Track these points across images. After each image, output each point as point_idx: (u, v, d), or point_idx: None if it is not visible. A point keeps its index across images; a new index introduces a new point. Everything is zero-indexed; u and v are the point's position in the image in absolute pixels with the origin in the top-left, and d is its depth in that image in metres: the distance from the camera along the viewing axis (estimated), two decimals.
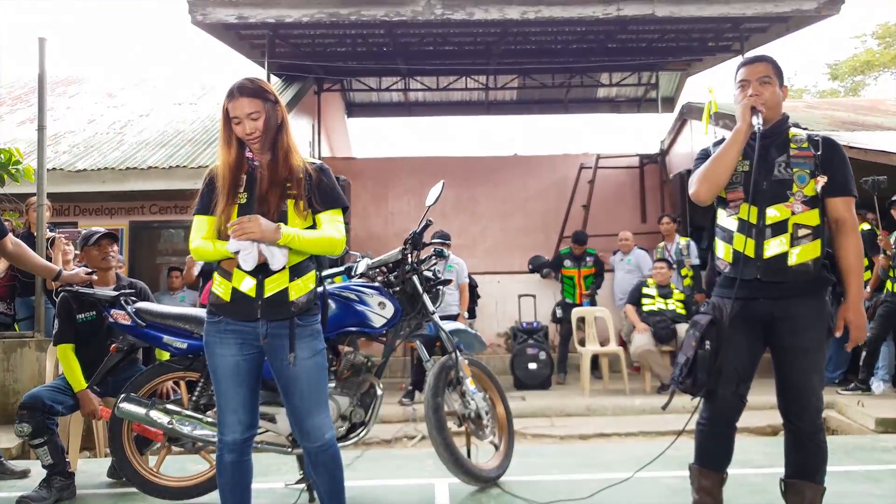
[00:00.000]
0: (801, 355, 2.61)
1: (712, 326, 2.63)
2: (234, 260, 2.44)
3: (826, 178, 2.60)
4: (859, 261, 2.67)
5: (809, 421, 2.64)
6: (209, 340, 2.52)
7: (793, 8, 8.56)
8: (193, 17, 8.70)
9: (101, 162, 8.61)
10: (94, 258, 3.96)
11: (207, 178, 2.58)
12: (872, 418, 5.59)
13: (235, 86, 2.46)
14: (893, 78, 23.16)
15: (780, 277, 2.59)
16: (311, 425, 2.51)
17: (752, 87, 2.66)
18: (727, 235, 2.70)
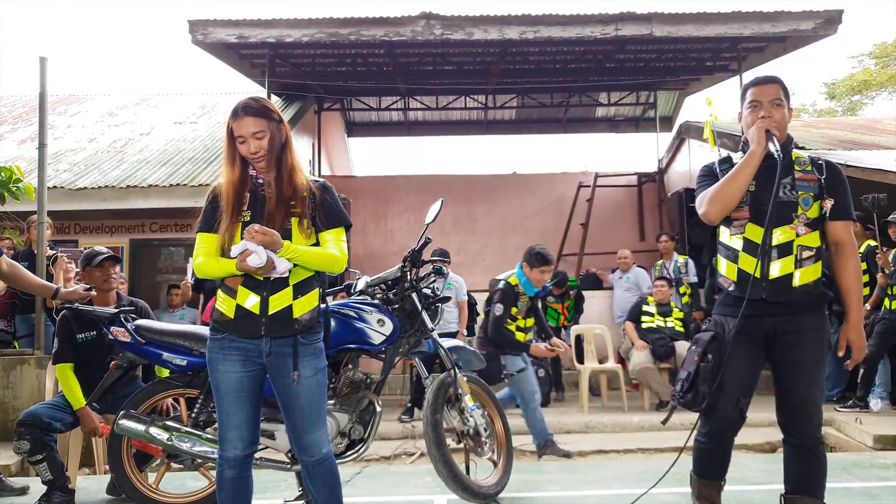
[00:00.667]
0: (804, 369, 2.64)
1: (714, 341, 2.68)
2: (238, 277, 2.47)
3: (833, 201, 2.65)
4: (859, 282, 2.72)
5: (810, 434, 2.67)
6: (212, 357, 2.53)
7: (790, 28, 8.66)
8: (194, 37, 8.80)
9: (102, 180, 8.66)
10: (97, 279, 3.97)
11: (211, 195, 2.59)
12: (870, 435, 5.59)
13: (240, 105, 2.49)
14: (890, 97, 23.33)
15: (784, 298, 2.63)
16: (310, 441, 2.53)
17: (765, 109, 2.70)
18: (732, 254, 2.73)
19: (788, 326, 2.64)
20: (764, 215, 2.62)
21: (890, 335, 6.31)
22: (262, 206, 2.52)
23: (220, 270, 2.49)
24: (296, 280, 2.51)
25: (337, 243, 2.57)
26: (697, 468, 2.88)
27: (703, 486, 2.87)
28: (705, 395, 2.66)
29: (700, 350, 2.69)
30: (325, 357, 2.60)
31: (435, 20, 8.70)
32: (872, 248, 6.74)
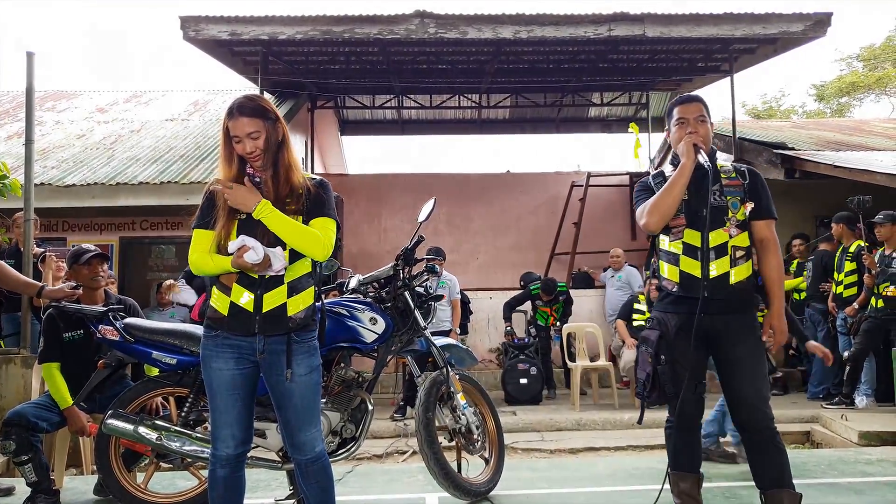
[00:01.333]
0: (747, 365, 2.84)
1: (662, 340, 2.88)
2: (232, 275, 2.47)
3: (753, 204, 2.92)
4: (780, 275, 2.99)
5: (767, 426, 2.83)
6: (206, 354, 2.52)
7: (780, 30, 8.70)
8: (185, 34, 8.74)
9: (91, 177, 8.59)
10: (84, 277, 3.93)
11: (207, 192, 2.58)
12: (856, 432, 5.64)
13: (235, 104, 2.47)
14: (878, 100, 23.48)
15: (723, 295, 2.84)
16: (303, 439, 2.52)
17: (691, 125, 2.94)
18: (673, 258, 2.93)
19: (725, 325, 2.85)
20: (699, 221, 2.87)
21: (876, 333, 6.36)
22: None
23: (215, 267, 2.47)
24: (290, 278, 2.50)
25: (325, 229, 2.51)
26: (674, 460, 3.00)
27: (682, 482, 2.98)
28: (672, 392, 2.86)
29: (652, 350, 2.88)
30: (319, 355, 2.59)
31: (429, 19, 8.68)
32: (862, 248, 6.79)
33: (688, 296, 2.84)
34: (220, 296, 2.52)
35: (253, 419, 2.60)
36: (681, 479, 2.98)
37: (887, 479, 4.07)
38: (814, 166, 8.25)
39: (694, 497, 2.98)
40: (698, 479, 3.00)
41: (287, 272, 2.49)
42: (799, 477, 4.07)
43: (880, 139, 10.99)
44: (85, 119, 12.08)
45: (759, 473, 2.86)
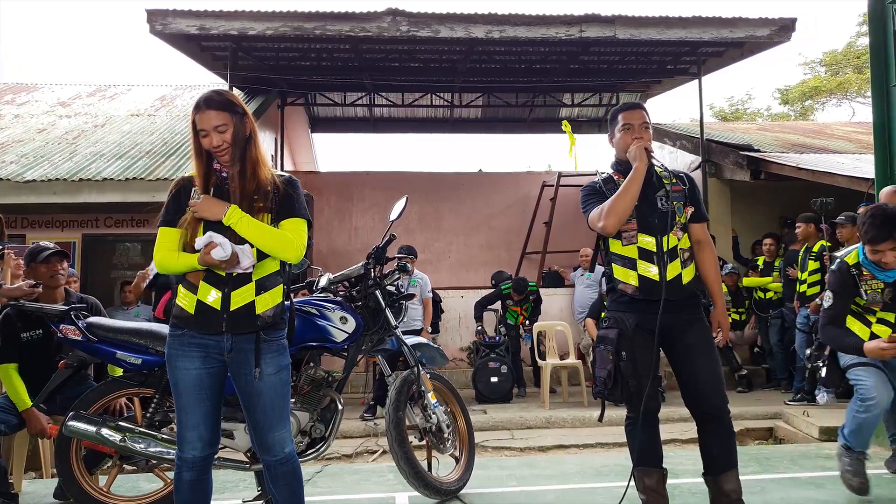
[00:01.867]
0: (705, 350, 2.96)
1: (622, 338, 2.94)
2: (199, 272, 2.43)
3: (693, 208, 3.08)
4: (718, 272, 3.19)
5: (725, 408, 2.94)
6: (171, 353, 2.47)
7: (747, 34, 8.85)
8: (152, 27, 8.59)
9: (53, 173, 8.39)
10: (42, 275, 3.83)
11: (174, 189, 2.52)
12: (817, 427, 5.78)
13: (202, 98, 2.44)
14: (839, 104, 24.03)
15: (678, 295, 2.96)
16: (273, 440, 2.48)
17: (637, 131, 3.03)
18: (629, 263, 3.01)
19: (678, 321, 2.96)
20: (650, 225, 2.98)
21: None
22: (225, 199, 2.46)
23: (182, 265, 2.43)
24: (259, 275, 2.46)
25: (296, 231, 2.49)
26: (637, 456, 3.03)
27: (647, 478, 3.02)
28: (635, 388, 2.90)
29: (612, 348, 2.94)
30: (288, 355, 2.56)
31: (401, 17, 8.65)
32: (825, 248, 6.93)
33: (648, 299, 2.93)
34: (186, 294, 2.47)
35: (220, 420, 2.55)
36: (646, 475, 3.02)
37: None
38: (779, 168, 8.41)
39: (660, 492, 3.02)
40: (663, 474, 3.05)
41: (255, 270, 2.45)
42: (762, 472, 4.19)
43: (841, 142, 11.24)
44: (46, 113, 11.79)
45: (715, 458, 2.97)
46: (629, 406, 3.00)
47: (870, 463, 3.76)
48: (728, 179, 9.88)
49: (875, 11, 5.16)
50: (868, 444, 3.69)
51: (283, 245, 2.44)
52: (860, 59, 21.61)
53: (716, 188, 10.01)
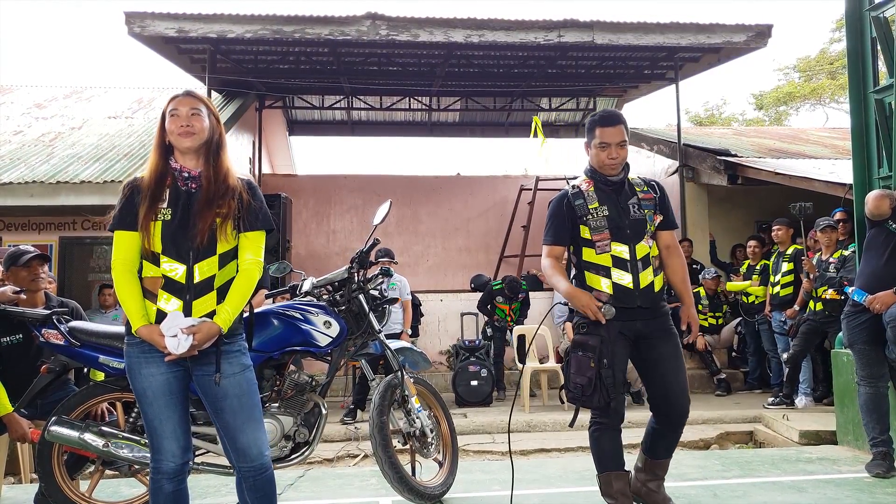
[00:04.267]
0: (671, 359, 3.06)
1: (603, 345, 2.95)
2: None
3: (662, 216, 3.15)
4: (686, 274, 3.25)
5: (686, 413, 3.09)
6: (132, 363, 2.40)
7: (724, 40, 8.98)
8: (130, 29, 8.51)
9: (30, 175, 8.27)
10: (23, 279, 3.77)
11: (127, 189, 2.46)
12: (797, 431, 5.85)
13: (183, 90, 2.50)
14: (813, 109, 24.44)
15: (651, 302, 3.05)
16: (246, 442, 2.40)
17: (614, 151, 3.05)
18: (603, 271, 3.05)
19: (652, 327, 3.05)
20: (622, 234, 3.04)
21: (813, 335, 6.61)
22: (185, 202, 2.43)
23: (125, 299, 2.39)
24: (220, 283, 2.44)
25: (256, 246, 2.51)
26: (602, 462, 3.11)
27: (615, 481, 3.07)
28: (612, 394, 2.94)
29: (594, 356, 2.94)
30: (249, 356, 2.53)
31: (380, 21, 8.66)
32: (799, 252, 7.06)
33: (623, 306, 2.98)
34: (146, 303, 2.42)
35: (190, 425, 2.52)
36: (615, 478, 3.08)
37: (827, 476, 4.23)
38: (755, 172, 8.53)
39: (628, 495, 3.09)
40: (628, 476, 3.13)
41: (217, 278, 2.43)
42: (744, 476, 4.24)
43: (817, 147, 11.43)
44: (22, 115, 11.61)
45: (660, 446, 3.17)
46: (601, 412, 3.04)
47: (850, 467, 3.83)
48: (705, 184, 10.00)
49: (852, 18, 5.26)
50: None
51: (251, 285, 2.47)
52: (833, 65, 22.02)
53: (693, 192, 10.14)
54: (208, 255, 2.40)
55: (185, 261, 2.38)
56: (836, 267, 6.17)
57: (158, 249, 2.38)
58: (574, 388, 2.99)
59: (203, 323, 2.35)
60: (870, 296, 4.21)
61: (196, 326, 2.33)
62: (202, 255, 2.40)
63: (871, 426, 4.33)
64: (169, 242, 2.38)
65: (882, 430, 4.27)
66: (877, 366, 4.33)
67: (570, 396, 3.05)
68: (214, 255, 2.41)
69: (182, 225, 2.38)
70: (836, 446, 5.20)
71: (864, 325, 4.32)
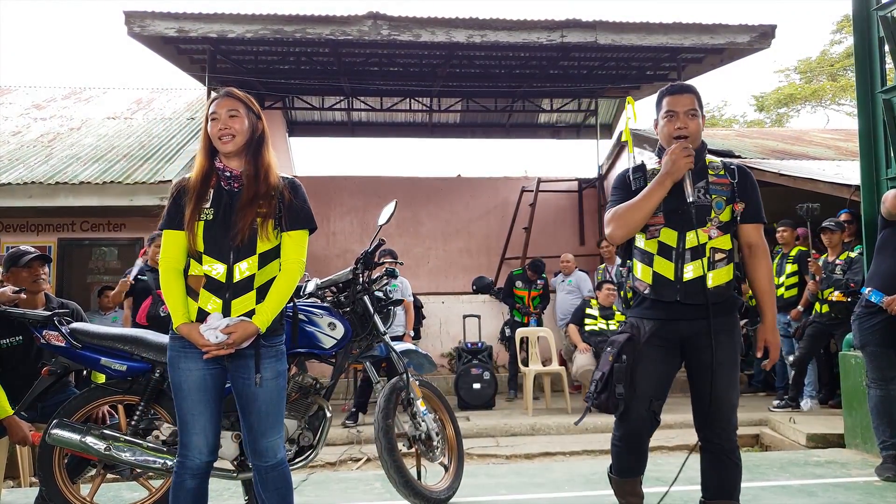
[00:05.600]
0: (720, 371, 2.63)
1: (630, 342, 2.70)
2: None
3: (744, 204, 2.71)
4: (772, 283, 2.78)
5: (728, 438, 2.69)
6: (172, 356, 2.46)
7: (727, 40, 8.93)
8: (130, 29, 8.44)
9: (28, 176, 8.22)
10: (24, 280, 3.74)
11: (175, 191, 2.52)
12: (804, 434, 5.80)
13: (223, 90, 2.52)
14: (813, 111, 24.44)
15: (698, 300, 2.63)
16: (266, 445, 2.47)
17: (681, 121, 2.70)
18: (647, 258, 2.72)
19: (702, 330, 2.64)
20: (677, 219, 2.66)
21: (819, 338, 6.57)
22: (227, 202, 2.45)
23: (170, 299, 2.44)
24: (260, 283, 2.45)
25: (298, 246, 2.52)
26: (617, 470, 2.94)
27: (626, 485, 2.94)
28: (620, 395, 2.66)
29: (615, 351, 2.71)
30: (286, 360, 2.56)
31: (382, 20, 8.61)
32: (803, 253, 7.02)
33: (660, 299, 2.67)
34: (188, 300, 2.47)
35: (220, 427, 2.53)
36: (626, 482, 2.95)
37: (837, 480, 4.18)
38: (760, 174, 8.46)
39: (640, 495, 2.95)
40: (639, 480, 2.97)
41: (256, 277, 2.44)
42: (752, 479, 4.18)
43: (820, 148, 11.39)
44: (20, 115, 11.57)
45: (712, 485, 2.74)
46: (618, 419, 2.77)
47: (860, 470, 3.79)
48: None
49: (859, 17, 5.23)
50: None
51: (292, 285, 2.49)
52: (834, 67, 22.01)
53: None
54: (248, 254, 2.42)
55: (225, 260, 2.41)
56: (842, 269, 6.13)
57: (201, 249, 2.42)
58: (592, 384, 2.82)
59: (240, 322, 2.37)
60: (888, 297, 4.16)
61: (233, 326, 2.35)
62: (242, 254, 2.42)
63: (882, 429, 4.28)
64: (210, 242, 2.42)
65: (892, 434, 4.23)
66: (888, 368, 4.29)
67: (587, 395, 2.85)
68: (254, 255, 2.43)
69: (223, 224, 2.42)
70: (844, 449, 5.16)
71: (877, 327, 4.27)
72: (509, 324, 8.69)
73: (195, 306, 2.43)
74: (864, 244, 5.19)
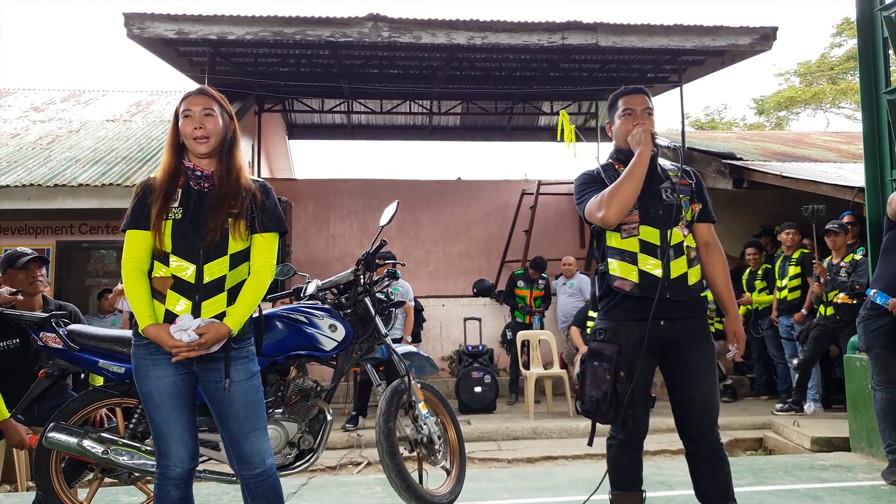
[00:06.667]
0: (703, 372, 2.69)
1: (621, 356, 2.64)
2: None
3: (701, 205, 2.83)
4: (728, 278, 2.87)
5: (716, 438, 2.72)
6: (139, 364, 2.37)
7: (728, 42, 8.91)
8: (129, 31, 8.41)
9: (27, 178, 8.19)
10: (21, 282, 3.70)
11: (140, 191, 2.44)
12: (808, 437, 5.76)
13: (196, 88, 2.46)
14: (813, 114, 24.45)
15: (684, 296, 2.68)
16: (250, 450, 2.37)
17: (639, 117, 2.77)
18: (630, 257, 2.71)
19: (683, 331, 2.69)
20: (653, 217, 2.70)
21: (824, 340, 6.53)
22: (197, 202, 2.39)
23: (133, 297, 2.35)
24: (231, 284, 2.39)
25: (269, 248, 2.46)
26: (617, 481, 2.82)
27: (627, 501, 2.80)
28: (631, 412, 2.65)
29: (610, 367, 2.64)
30: (257, 361, 2.48)
31: (382, 22, 8.58)
32: (806, 255, 6.99)
33: (648, 297, 2.64)
34: (154, 303, 2.37)
35: (197, 431, 2.46)
36: (627, 499, 2.81)
37: (843, 484, 4.14)
38: (761, 176, 8.45)
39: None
40: (642, 496, 2.82)
41: (228, 278, 2.38)
42: (758, 483, 4.14)
43: (822, 151, 11.37)
44: (19, 118, 11.55)
45: (705, 487, 2.74)
46: (620, 428, 2.75)
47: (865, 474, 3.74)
48: (710, 188, 9.86)
49: (863, 18, 5.20)
50: None
51: (263, 287, 2.41)
52: (834, 70, 22.01)
53: None
54: (219, 255, 2.36)
55: (194, 260, 2.34)
56: (847, 271, 6.09)
57: (168, 249, 2.34)
58: (588, 402, 2.71)
59: (212, 323, 2.30)
60: (893, 299, 4.13)
61: (205, 327, 2.28)
62: (213, 254, 2.35)
63: (888, 432, 4.24)
64: (179, 241, 2.34)
65: None
66: (894, 371, 4.25)
67: (584, 409, 2.76)
68: (225, 256, 2.36)
69: (193, 224, 2.35)
70: (849, 453, 5.12)
71: (882, 329, 4.23)
72: (510, 326, 8.67)
73: (161, 308, 2.34)
74: (871, 245, 5.15)
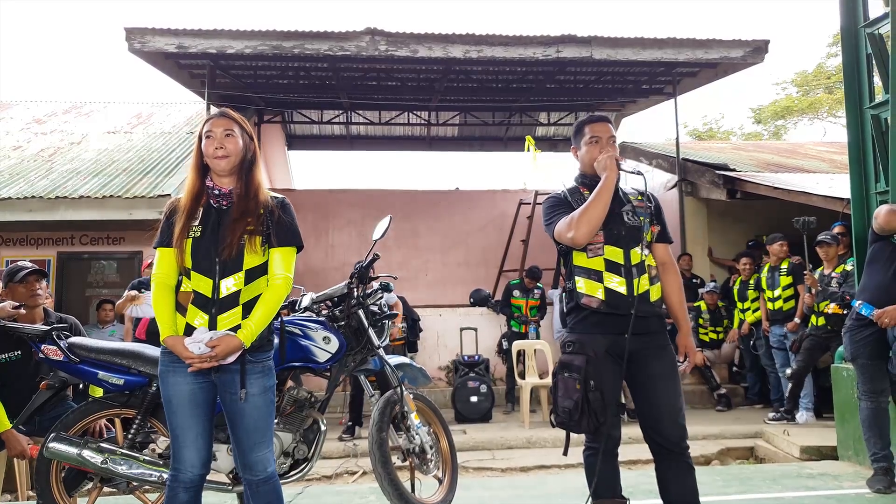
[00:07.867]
0: (668, 380, 2.83)
1: (589, 365, 2.77)
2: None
3: (659, 227, 2.99)
4: (683, 296, 3.04)
5: (683, 442, 2.83)
6: (163, 370, 2.51)
7: (721, 55, 9.04)
8: (131, 45, 8.53)
9: (28, 190, 8.28)
10: (21, 296, 3.79)
11: (168, 210, 2.59)
12: (798, 446, 5.82)
13: (218, 110, 2.59)
14: (811, 123, 24.56)
15: (647, 312, 2.83)
16: (254, 459, 2.51)
17: (604, 145, 2.94)
18: (595, 275, 2.86)
19: (645, 343, 2.82)
20: (617, 238, 2.86)
21: (816, 350, 6.59)
22: (216, 219, 2.51)
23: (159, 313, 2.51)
24: (246, 298, 2.49)
25: (286, 263, 2.57)
26: (597, 488, 2.93)
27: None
28: (603, 419, 2.75)
29: (579, 377, 2.75)
30: (274, 376, 2.59)
31: (380, 36, 8.70)
32: (796, 265, 7.08)
33: (614, 313, 2.78)
34: (177, 315, 2.52)
35: (212, 440, 2.57)
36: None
37: (829, 492, 4.20)
38: (754, 187, 8.55)
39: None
40: (623, 502, 2.95)
41: (242, 293, 2.48)
42: (745, 492, 4.21)
43: (815, 161, 11.46)
44: (21, 130, 11.65)
45: (670, 490, 2.87)
46: (593, 435, 2.89)
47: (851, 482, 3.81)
48: (704, 198, 10.02)
49: (848, 34, 5.30)
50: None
51: (279, 301, 2.52)
52: (831, 80, 22.14)
53: (692, 207, 10.16)
54: (235, 270, 2.48)
55: (211, 276, 2.46)
56: (838, 282, 6.17)
57: (189, 265, 2.48)
58: (561, 412, 2.81)
59: (224, 336, 2.41)
60: (878, 310, 4.20)
61: (217, 339, 2.39)
62: (229, 270, 2.47)
63: (873, 441, 4.31)
64: (198, 258, 2.48)
65: (883, 446, 4.26)
66: (879, 381, 4.32)
67: (558, 420, 2.86)
68: (241, 271, 2.48)
69: (211, 240, 2.48)
70: (836, 462, 5.18)
71: (867, 340, 4.30)
72: (507, 336, 8.74)
73: (183, 321, 2.49)
74: (857, 257, 5.23)
